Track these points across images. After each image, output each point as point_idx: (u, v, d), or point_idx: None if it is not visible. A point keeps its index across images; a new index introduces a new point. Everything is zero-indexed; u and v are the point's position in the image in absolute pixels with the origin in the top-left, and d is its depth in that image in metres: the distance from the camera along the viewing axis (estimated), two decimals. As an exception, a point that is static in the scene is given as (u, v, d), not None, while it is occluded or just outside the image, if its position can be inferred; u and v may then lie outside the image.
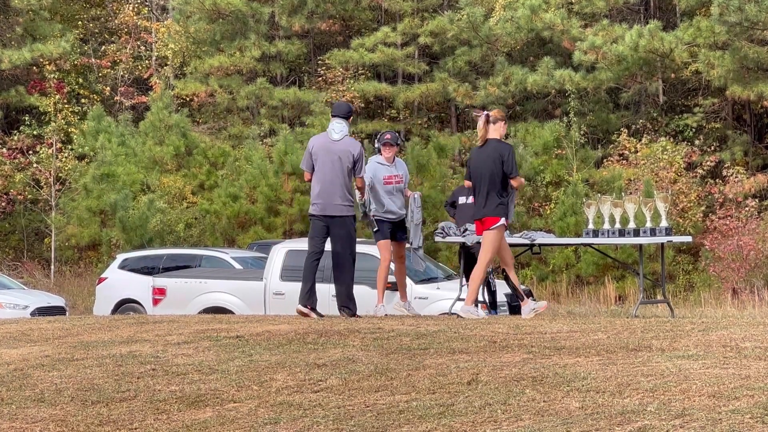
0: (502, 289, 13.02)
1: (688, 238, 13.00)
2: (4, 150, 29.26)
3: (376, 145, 11.13)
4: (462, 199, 12.34)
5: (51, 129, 28.68)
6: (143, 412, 5.63)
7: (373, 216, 10.88)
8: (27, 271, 26.67)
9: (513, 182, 9.42)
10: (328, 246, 10.20)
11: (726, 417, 4.61)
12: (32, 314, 17.09)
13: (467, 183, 10.38)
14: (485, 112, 9.53)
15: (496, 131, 9.45)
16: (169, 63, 33.01)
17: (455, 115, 31.42)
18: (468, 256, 11.92)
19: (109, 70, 33.64)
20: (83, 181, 25.84)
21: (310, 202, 10.36)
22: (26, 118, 29.74)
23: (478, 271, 9.38)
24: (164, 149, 26.65)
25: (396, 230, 10.92)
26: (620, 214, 10.84)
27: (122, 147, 26.59)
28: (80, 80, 32.48)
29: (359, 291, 12.51)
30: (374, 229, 10.97)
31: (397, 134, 11.49)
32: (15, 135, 29.73)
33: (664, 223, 10.58)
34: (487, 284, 12.20)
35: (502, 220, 9.29)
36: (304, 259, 10.21)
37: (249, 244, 21.67)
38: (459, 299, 11.69)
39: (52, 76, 29.26)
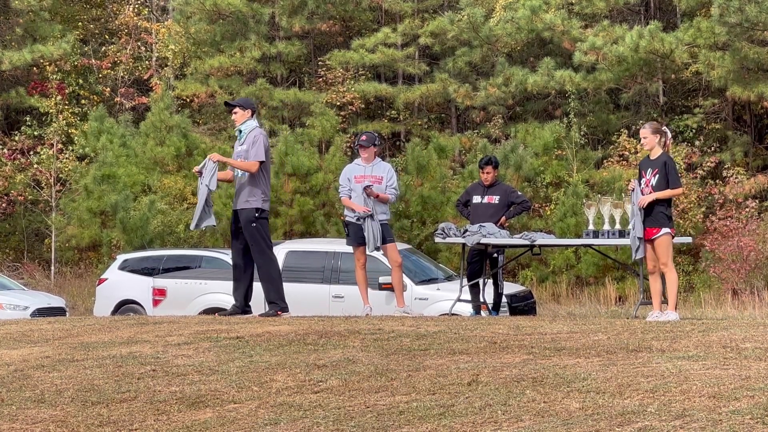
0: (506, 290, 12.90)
1: (689, 239, 13.03)
2: (5, 151, 29.23)
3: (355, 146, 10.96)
4: (477, 198, 11.80)
5: (52, 130, 28.67)
6: (143, 412, 5.63)
7: (345, 218, 10.79)
8: (27, 272, 26.66)
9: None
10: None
11: (726, 418, 4.61)
12: (32, 315, 17.08)
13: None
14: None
15: None
16: (169, 64, 32.98)
17: (455, 116, 31.41)
18: (475, 260, 11.77)
19: (109, 71, 33.61)
20: (84, 182, 25.81)
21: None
22: (27, 119, 29.73)
23: (674, 275, 9.55)
24: (165, 150, 26.62)
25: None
26: (620, 214, 10.85)
27: (123, 148, 26.58)
28: (80, 81, 32.46)
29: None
30: (346, 234, 10.86)
31: (375, 135, 11.09)
32: (15, 136, 29.72)
33: (664, 224, 10.55)
34: (495, 285, 12.10)
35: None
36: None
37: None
38: (459, 300, 11.66)
39: (54, 77, 29.25)
